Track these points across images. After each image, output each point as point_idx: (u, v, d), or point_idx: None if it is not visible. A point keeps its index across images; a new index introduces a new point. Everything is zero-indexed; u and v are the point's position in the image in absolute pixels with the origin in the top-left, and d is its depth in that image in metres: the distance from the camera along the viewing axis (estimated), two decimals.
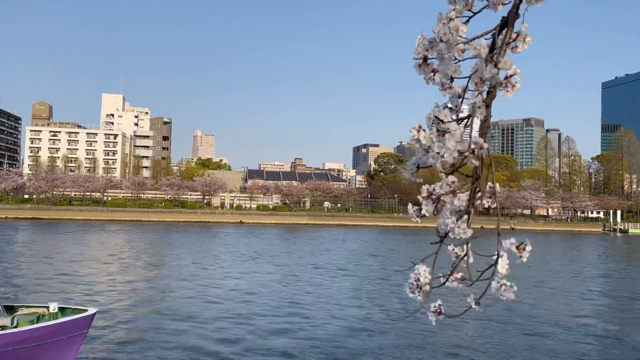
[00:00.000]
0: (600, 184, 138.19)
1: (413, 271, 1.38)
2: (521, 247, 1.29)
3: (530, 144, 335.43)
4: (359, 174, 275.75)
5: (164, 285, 26.42)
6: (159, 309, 20.91)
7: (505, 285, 1.26)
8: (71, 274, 29.12)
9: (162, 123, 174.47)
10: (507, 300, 1.23)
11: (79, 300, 20.95)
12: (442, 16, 1.26)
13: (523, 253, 1.28)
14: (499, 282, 1.24)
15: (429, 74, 1.32)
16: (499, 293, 1.25)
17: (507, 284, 1.25)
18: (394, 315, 20.62)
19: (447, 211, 1.27)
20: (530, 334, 18.23)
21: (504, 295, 1.27)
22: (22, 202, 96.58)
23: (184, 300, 22.78)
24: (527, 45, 1.26)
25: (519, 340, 17.41)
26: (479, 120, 1.34)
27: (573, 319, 21.37)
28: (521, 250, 1.29)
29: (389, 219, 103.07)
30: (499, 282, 1.24)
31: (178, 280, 27.98)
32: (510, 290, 1.26)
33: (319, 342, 16.25)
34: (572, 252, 58.25)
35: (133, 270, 32.04)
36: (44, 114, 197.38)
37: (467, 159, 1.24)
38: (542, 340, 17.57)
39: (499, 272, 1.26)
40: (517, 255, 1.29)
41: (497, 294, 1.26)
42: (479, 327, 18.85)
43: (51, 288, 24.39)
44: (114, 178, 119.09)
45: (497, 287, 1.24)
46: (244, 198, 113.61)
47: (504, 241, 1.26)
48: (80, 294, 23.13)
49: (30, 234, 58.72)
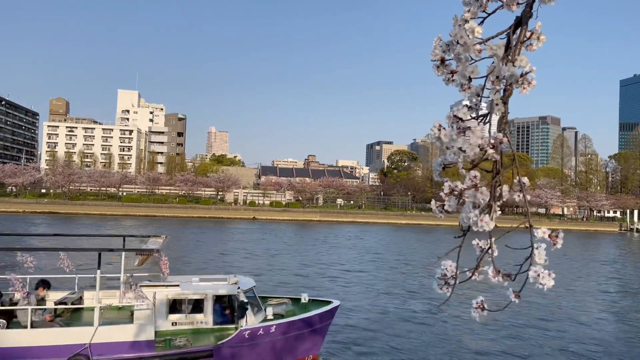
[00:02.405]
0: (617, 183, 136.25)
1: (439, 266, 1.44)
2: (553, 235, 1.32)
3: (546, 142, 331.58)
4: (372, 172, 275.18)
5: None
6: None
7: (542, 274, 1.30)
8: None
9: (176, 119, 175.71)
10: (547, 289, 1.27)
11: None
12: (457, 18, 1.28)
13: (557, 240, 1.31)
14: (536, 271, 1.29)
15: (448, 75, 1.35)
16: (538, 282, 1.27)
17: (544, 271, 1.29)
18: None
19: (469, 205, 1.30)
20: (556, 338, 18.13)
21: (543, 283, 1.30)
22: (39, 197, 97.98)
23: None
24: (541, 43, 1.28)
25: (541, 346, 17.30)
26: (497, 117, 1.39)
27: (594, 323, 21.19)
28: (554, 238, 1.31)
29: (402, 217, 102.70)
30: (536, 271, 1.29)
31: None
32: (549, 278, 1.29)
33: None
34: (589, 252, 57.59)
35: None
36: (61, 110, 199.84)
37: (488, 155, 1.26)
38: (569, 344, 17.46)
39: (536, 262, 1.27)
40: (552, 244, 1.32)
41: (536, 282, 1.31)
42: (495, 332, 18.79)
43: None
44: (129, 173, 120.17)
45: (534, 275, 1.30)
46: (257, 194, 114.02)
47: (535, 231, 1.30)
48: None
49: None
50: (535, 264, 1.27)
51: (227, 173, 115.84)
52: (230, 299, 12.58)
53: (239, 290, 12.27)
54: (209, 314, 12.32)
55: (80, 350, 10.45)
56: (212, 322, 12.36)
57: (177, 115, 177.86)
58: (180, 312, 12.29)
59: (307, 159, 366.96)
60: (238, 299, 12.11)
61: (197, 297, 12.43)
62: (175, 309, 12.32)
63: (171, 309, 12.24)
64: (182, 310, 12.29)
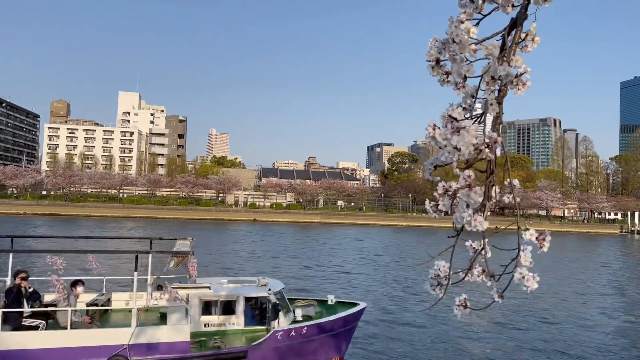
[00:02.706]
0: (618, 185, 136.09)
1: (432, 266, 1.44)
2: (540, 238, 1.32)
3: (547, 144, 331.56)
4: (373, 173, 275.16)
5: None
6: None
7: (527, 276, 1.30)
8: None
9: (177, 121, 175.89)
10: (531, 291, 1.26)
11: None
12: (453, 19, 1.29)
13: (544, 244, 1.31)
14: (521, 272, 1.30)
15: (443, 76, 1.36)
16: (522, 284, 1.28)
17: (529, 274, 1.29)
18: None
19: (462, 204, 1.30)
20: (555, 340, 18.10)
21: (527, 286, 1.30)
22: (40, 198, 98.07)
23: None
24: (536, 44, 1.30)
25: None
26: (492, 117, 1.39)
27: (597, 328, 21.16)
28: (541, 241, 1.32)
29: (403, 219, 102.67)
30: (521, 273, 1.30)
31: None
32: (533, 280, 1.29)
33: None
34: (593, 255, 57.54)
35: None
36: (62, 112, 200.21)
37: (482, 154, 1.27)
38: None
39: (521, 264, 1.28)
40: (538, 246, 1.33)
41: (520, 284, 1.31)
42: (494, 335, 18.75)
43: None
44: (130, 175, 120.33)
45: (519, 278, 1.31)
46: (257, 196, 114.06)
47: (523, 233, 1.30)
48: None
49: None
50: (520, 265, 1.28)
51: (228, 175, 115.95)
52: (260, 301, 12.71)
53: (270, 292, 12.45)
54: (240, 315, 12.50)
55: (120, 351, 10.69)
56: (243, 323, 12.59)
57: (178, 117, 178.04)
58: (211, 314, 12.49)
59: (308, 160, 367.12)
60: (270, 301, 12.26)
61: (229, 299, 12.57)
62: (207, 310, 12.50)
63: (203, 310, 12.42)
64: (214, 312, 12.48)
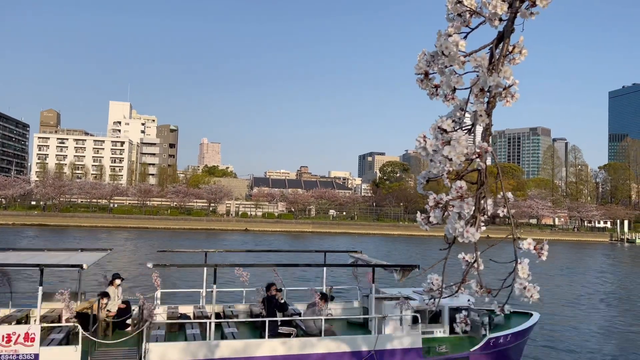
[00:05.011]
0: (607, 194, 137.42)
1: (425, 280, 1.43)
2: (538, 248, 1.31)
3: (537, 153, 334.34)
4: (365, 183, 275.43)
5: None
6: None
7: (528, 286, 1.29)
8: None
9: (168, 130, 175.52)
10: (533, 302, 1.24)
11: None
12: (441, 33, 1.30)
13: (542, 252, 1.31)
14: (521, 284, 1.29)
15: (432, 89, 1.36)
16: (523, 295, 1.28)
17: (529, 285, 1.28)
18: None
19: (454, 216, 1.30)
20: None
21: (528, 296, 1.29)
22: (29, 209, 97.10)
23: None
24: (523, 57, 1.30)
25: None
26: (482, 128, 1.40)
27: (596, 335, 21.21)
28: (539, 250, 1.31)
29: (395, 228, 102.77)
30: (521, 284, 1.29)
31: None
32: (534, 290, 1.28)
33: None
34: (583, 262, 57.86)
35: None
36: (52, 121, 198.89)
37: (473, 164, 1.28)
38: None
39: (519, 277, 1.27)
40: (537, 255, 1.32)
41: (522, 295, 1.32)
42: None
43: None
44: (121, 185, 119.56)
45: (520, 289, 1.31)
46: (249, 206, 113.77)
47: (521, 242, 1.29)
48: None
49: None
50: (519, 277, 1.28)
51: (219, 184, 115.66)
52: (460, 310, 12.81)
53: (469, 302, 13.22)
54: (446, 323, 13.42)
55: (367, 357, 11.54)
56: (449, 331, 13.41)
57: (169, 127, 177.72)
58: (420, 322, 13.14)
59: (300, 170, 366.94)
60: (472, 310, 12.94)
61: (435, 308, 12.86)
62: (418, 319, 13.28)
63: (414, 319, 13.10)
64: (422, 320, 13.10)
